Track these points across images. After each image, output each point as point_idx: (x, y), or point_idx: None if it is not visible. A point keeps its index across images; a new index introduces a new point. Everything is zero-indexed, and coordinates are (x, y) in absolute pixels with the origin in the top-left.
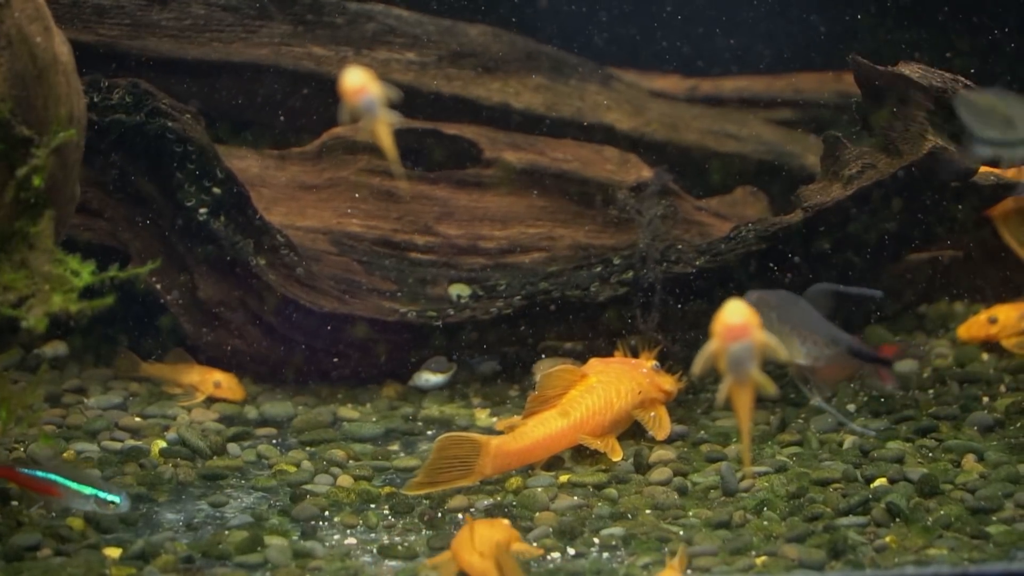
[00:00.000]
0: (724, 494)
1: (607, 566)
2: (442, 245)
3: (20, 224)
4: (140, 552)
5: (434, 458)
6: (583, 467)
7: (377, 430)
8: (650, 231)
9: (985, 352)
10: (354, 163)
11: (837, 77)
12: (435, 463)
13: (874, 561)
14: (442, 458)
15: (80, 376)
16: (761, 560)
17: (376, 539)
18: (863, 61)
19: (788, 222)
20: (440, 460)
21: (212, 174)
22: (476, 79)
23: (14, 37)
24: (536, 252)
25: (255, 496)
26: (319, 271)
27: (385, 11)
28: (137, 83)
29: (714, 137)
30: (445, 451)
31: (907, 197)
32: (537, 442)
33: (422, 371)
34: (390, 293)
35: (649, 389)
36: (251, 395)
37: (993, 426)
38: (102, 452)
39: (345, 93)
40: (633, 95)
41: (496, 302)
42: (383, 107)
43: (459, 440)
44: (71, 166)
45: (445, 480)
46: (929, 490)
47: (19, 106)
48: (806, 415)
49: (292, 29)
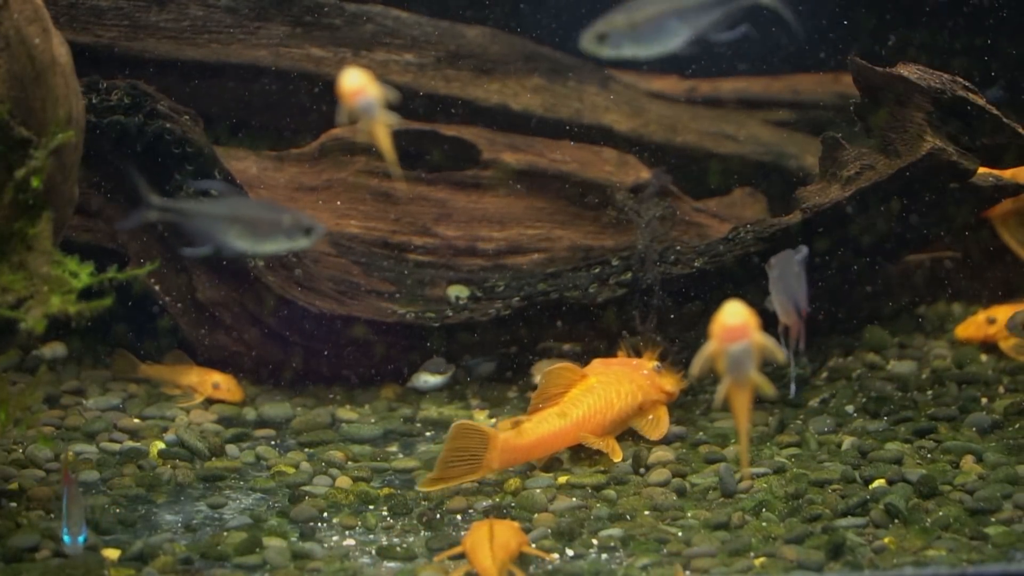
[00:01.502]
0: (723, 495)
1: (606, 567)
2: (440, 246)
3: (19, 225)
4: (139, 553)
5: (447, 448)
6: (581, 468)
7: (376, 431)
8: (649, 232)
9: (984, 353)
10: (352, 164)
11: (835, 78)
12: (448, 455)
13: (873, 562)
14: (455, 448)
15: (79, 377)
16: (760, 561)
17: (375, 540)
18: (861, 62)
19: (787, 223)
20: (452, 451)
21: (211, 175)
22: (474, 80)
23: (12, 38)
24: (535, 253)
25: (254, 497)
26: (317, 272)
27: (383, 12)
28: (136, 84)
29: (712, 138)
30: (457, 440)
31: (906, 198)
32: (541, 439)
33: (421, 372)
34: (388, 294)
35: (650, 390)
36: (250, 396)
37: (992, 427)
38: (101, 453)
39: (344, 95)
40: (632, 96)
41: (494, 303)
42: (382, 109)
43: (471, 430)
44: (70, 167)
45: (456, 475)
46: (928, 491)
47: (17, 107)
48: (804, 416)
49: (291, 30)
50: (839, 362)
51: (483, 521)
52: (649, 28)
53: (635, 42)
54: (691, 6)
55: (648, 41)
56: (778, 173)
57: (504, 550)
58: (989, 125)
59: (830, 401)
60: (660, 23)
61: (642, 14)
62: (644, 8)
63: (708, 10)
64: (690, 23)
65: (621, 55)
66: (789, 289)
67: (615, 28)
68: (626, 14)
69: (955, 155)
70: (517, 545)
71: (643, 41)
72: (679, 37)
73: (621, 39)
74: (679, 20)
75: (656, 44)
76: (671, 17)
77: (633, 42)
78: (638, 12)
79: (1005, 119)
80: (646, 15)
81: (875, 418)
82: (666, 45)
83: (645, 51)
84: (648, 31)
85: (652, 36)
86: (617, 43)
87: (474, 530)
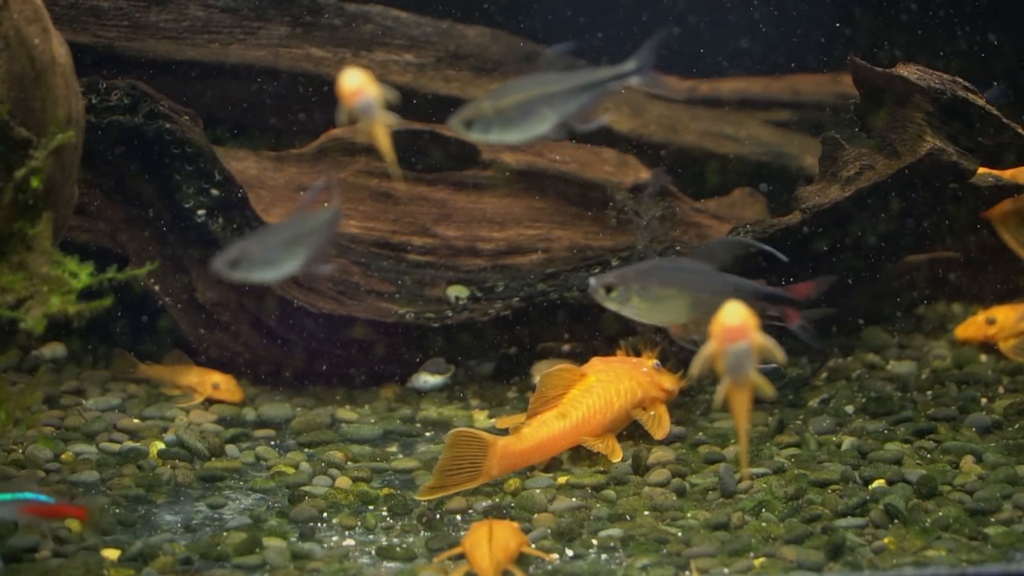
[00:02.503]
0: (722, 495)
1: (605, 567)
2: (440, 247)
3: (18, 226)
4: (138, 553)
5: (446, 456)
6: (581, 468)
7: (375, 432)
8: (648, 232)
9: (984, 353)
10: (352, 165)
11: (835, 79)
12: (446, 463)
13: (872, 562)
14: (453, 457)
15: (79, 378)
16: (759, 561)
17: (374, 540)
18: (861, 63)
19: (786, 223)
20: (451, 459)
21: (210, 175)
22: (474, 80)
23: (12, 39)
24: (534, 254)
25: (253, 498)
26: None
27: (383, 12)
28: (135, 85)
29: (712, 138)
30: (455, 448)
31: (905, 198)
32: (541, 443)
33: (420, 372)
34: (388, 295)
35: (649, 388)
36: (249, 397)
37: (991, 427)
38: (100, 454)
39: (343, 95)
40: (631, 96)
41: (494, 304)
42: (381, 109)
43: (468, 437)
44: (69, 168)
45: (455, 483)
46: (927, 491)
47: (17, 108)
48: (804, 416)
49: (290, 31)
50: (839, 362)
51: (482, 522)
52: (516, 113)
53: (502, 127)
54: (557, 92)
55: (515, 126)
56: (778, 173)
57: (503, 550)
58: (989, 125)
59: (830, 401)
60: (526, 109)
61: (509, 100)
62: (511, 94)
63: (575, 96)
64: (557, 109)
65: (488, 140)
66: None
67: (481, 114)
68: (492, 100)
69: (955, 155)
70: (517, 545)
71: (510, 126)
72: (546, 123)
73: (488, 124)
74: (546, 106)
75: (523, 129)
76: (538, 103)
77: (500, 127)
78: (505, 98)
79: (1005, 119)
80: (512, 101)
81: (875, 418)
82: (533, 130)
83: (512, 136)
84: (515, 116)
85: (519, 121)
86: (484, 128)
87: (473, 530)
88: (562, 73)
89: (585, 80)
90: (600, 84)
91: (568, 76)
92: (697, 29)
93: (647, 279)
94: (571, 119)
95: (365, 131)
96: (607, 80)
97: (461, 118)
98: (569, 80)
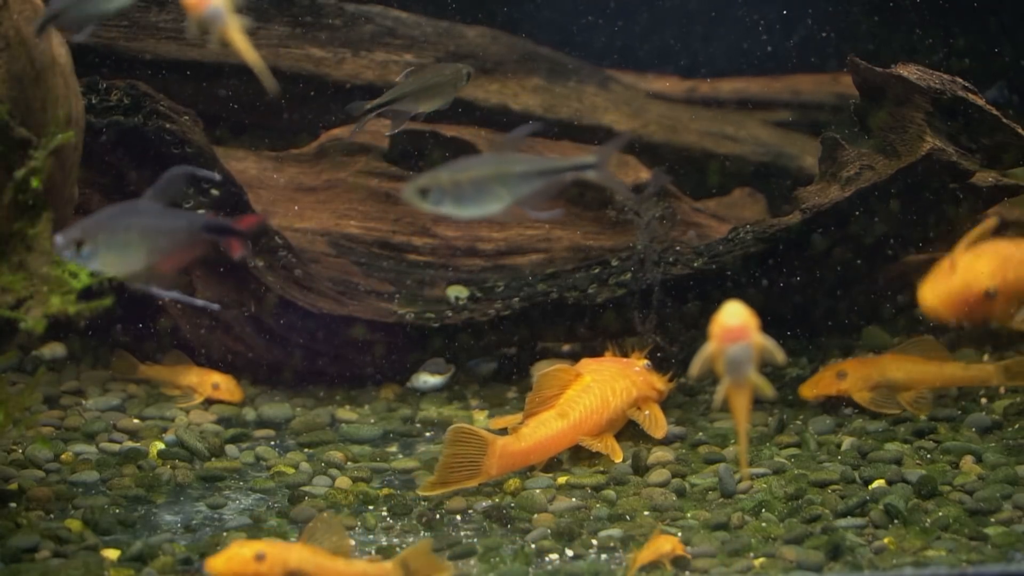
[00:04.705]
0: (722, 496)
1: (605, 567)
2: (440, 247)
3: (18, 226)
4: (138, 554)
5: (446, 453)
6: (581, 468)
7: (375, 432)
8: (648, 232)
9: (985, 354)
10: (352, 165)
11: (835, 79)
12: (447, 460)
13: (872, 563)
14: (454, 454)
15: (78, 378)
16: (759, 562)
17: (374, 540)
18: (861, 63)
19: (786, 223)
20: (452, 456)
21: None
22: (474, 80)
23: (12, 39)
24: (534, 254)
25: (253, 498)
26: (317, 273)
27: (383, 12)
28: (135, 85)
29: (712, 139)
30: (456, 446)
31: (905, 198)
32: (540, 443)
33: (420, 373)
34: (388, 295)
35: (643, 388)
36: (249, 397)
37: (991, 428)
38: (100, 454)
39: (187, 6)
40: (631, 97)
41: (494, 304)
42: (230, 12)
43: (468, 435)
44: (69, 168)
45: (456, 480)
46: (927, 492)
47: (17, 108)
48: (804, 416)
49: (290, 31)
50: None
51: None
52: (471, 190)
53: (455, 201)
54: (514, 174)
55: (468, 202)
56: (778, 173)
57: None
58: (989, 125)
59: (830, 401)
60: (482, 187)
61: (466, 175)
62: (469, 170)
63: (530, 180)
64: (512, 191)
65: (439, 211)
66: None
67: (437, 185)
68: (451, 173)
69: (955, 155)
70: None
71: (463, 202)
72: (500, 203)
73: (442, 196)
74: (501, 186)
75: (476, 206)
76: (494, 183)
77: (453, 201)
78: (463, 173)
79: (1005, 119)
80: (469, 177)
81: (875, 418)
82: (486, 208)
83: (464, 212)
84: (469, 193)
85: (473, 198)
86: (438, 199)
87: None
88: (522, 156)
89: (544, 166)
90: (558, 172)
91: (527, 160)
92: (697, 29)
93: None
94: (524, 204)
95: (219, 41)
96: (565, 169)
97: (417, 185)
98: (528, 164)
